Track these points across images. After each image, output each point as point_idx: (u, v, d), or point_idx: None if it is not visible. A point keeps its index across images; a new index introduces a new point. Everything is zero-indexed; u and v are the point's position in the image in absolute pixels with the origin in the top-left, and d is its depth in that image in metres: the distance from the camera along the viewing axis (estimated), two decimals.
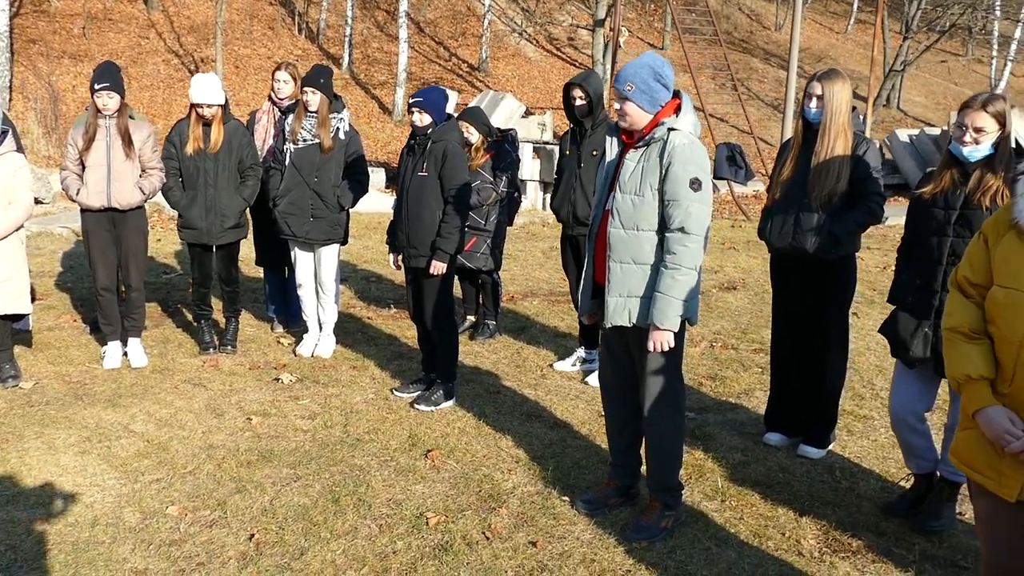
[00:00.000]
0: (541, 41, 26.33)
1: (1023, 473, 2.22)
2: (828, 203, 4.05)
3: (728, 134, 20.48)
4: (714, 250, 10.48)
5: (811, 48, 29.45)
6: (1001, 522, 2.36)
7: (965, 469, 2.41)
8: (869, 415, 4.96)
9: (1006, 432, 2.20)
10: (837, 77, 4.15)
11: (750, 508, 3.83)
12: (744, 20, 31.94)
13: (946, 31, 23.63)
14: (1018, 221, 2.25)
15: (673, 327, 3.37)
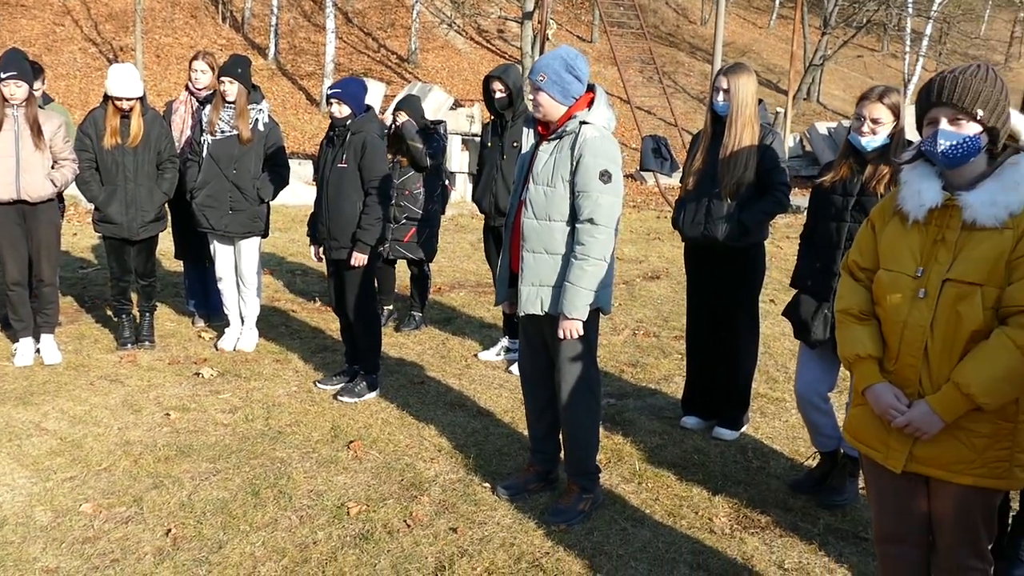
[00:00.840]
0: (471, 33, 26.30)
1: (908, 445, 2.35)
2: (737, 193, 4.19)
3: (655, 126, 20.81)
4: (639, 240, 10.68)
5: (735, 42, 30.08)
6: (889, 492, 2.51)
7: (856, 444, 2.55)
8: (782, 397, 5.15)
9: (891, 407, 2.34)
10: (743, 71, 4.28)
11: (666, 489, 3.95)
12: (671, 14, 32.45)
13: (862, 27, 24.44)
14: (901, 207, 2.38)
15: (582, 316, 3.45)
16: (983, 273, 2.19)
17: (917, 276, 2.30)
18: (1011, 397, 2.21)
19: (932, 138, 2.23)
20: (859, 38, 28.52)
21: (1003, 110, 2.21)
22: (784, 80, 23.95)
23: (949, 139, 2.20)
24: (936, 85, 2.22)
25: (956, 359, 2.24)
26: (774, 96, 24.35)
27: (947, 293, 2.24)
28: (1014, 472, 2.29)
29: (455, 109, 15.38)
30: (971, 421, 2.26)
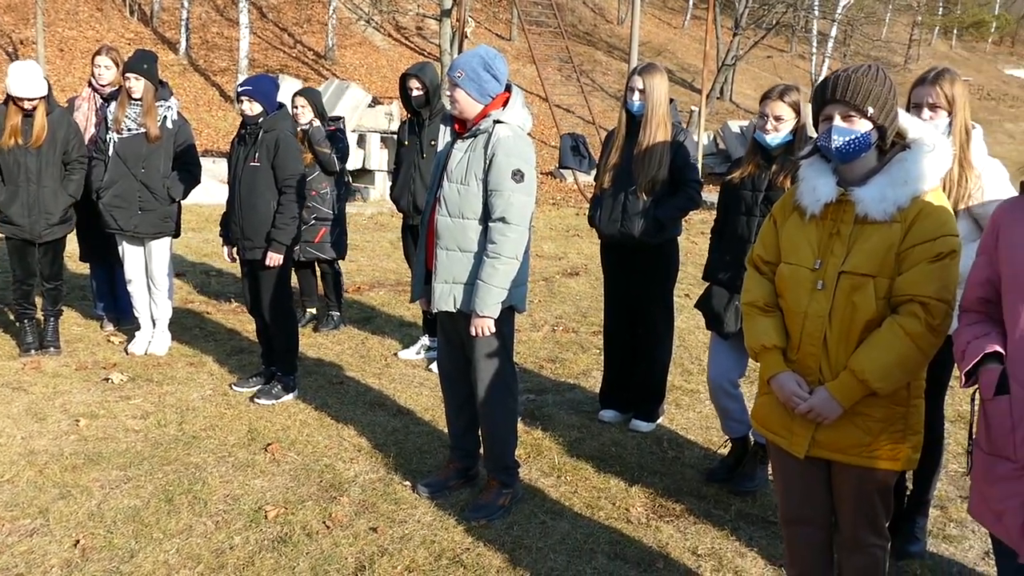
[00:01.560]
0: (389, 30, 26.09)
1: (810, 431, 2.46)
2: (652, 190, 4.29)
3: (574, 124, 21.03)
4: (558, 237, 10.79)
5: (651, 42, 30.63)
6: (793, 477, 2.61)
7: (763, 431, 2.65)
8: (696, 389, 5.29)
9: (794, 395, 2.44)
10: (656, 71, 4.38)
11: (584, 482, 4.01)
12: (588, 14, 32.82)
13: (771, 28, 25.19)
14: (799, 203, 2.48)
15: (493, 314, 3.48)
16: (875, 265, 2.30)
17: (815, 268, 2.40)
18: (903, 382, 2.33)
19: (827, 134, 2.33)
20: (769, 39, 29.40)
21: (891, 108, 2.32)
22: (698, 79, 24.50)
23: (842, 135, 2.30)
24: (830, 84, 2.32)
25: (853, 347, 2.35)
26: (688, 95, 24.89)
27: (843, 284, 2.34)
28: (906, 453, 2.42)
29: (373, 107, 15.25)
30: (867, 406, 2.37)
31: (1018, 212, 2.09)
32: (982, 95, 38.06)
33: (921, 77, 3.24)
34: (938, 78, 3.17)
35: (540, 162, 17.65)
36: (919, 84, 3.21)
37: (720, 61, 25.67)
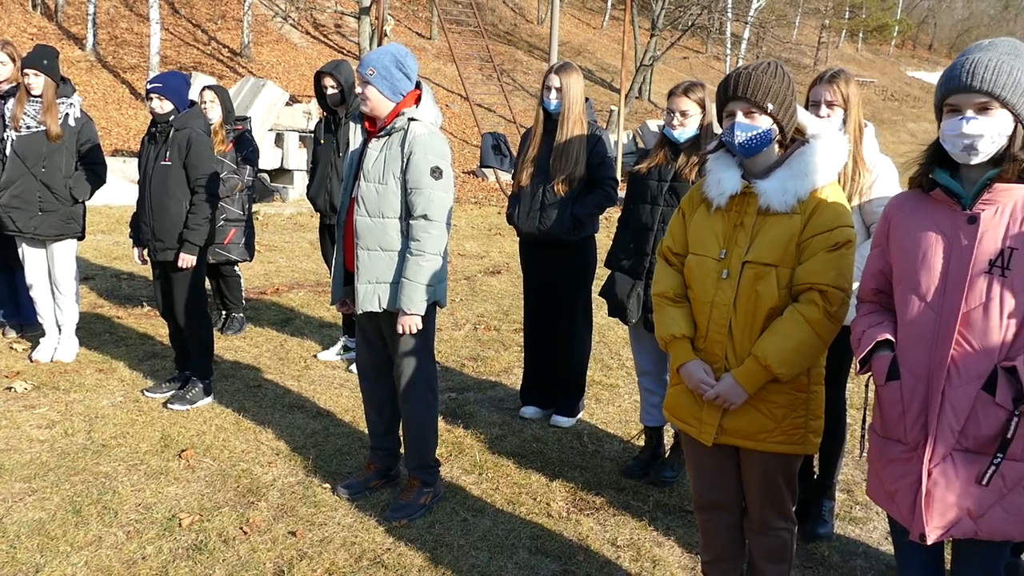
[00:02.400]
0: (307, 27, 25.67)
1: (717, 419, 2.53)
2: (569, 188, 4.34)
3: (495, 124, 21.07)
4: (480, 236, 10.80)
5: (571, 42, 30.91)
6: (704, 464, 2.68)
7: (674, 420, 2.71)
8: (615, 384, 5.37)
9: (702, 382, 2.50)
10: (572, 70, 4.43)
11: (505, 478, 4.03)
12: (508, 13, 32.94)
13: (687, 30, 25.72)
14: (706, 195, 2.55)
15: (420, 311, 3.48)
16: (777, 255, 2.39)
17: (721, 259, 2.47)
18: (803, 367, 2.42)
19: (730, 130, 2.40)
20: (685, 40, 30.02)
21: (790, 105, 2.41)
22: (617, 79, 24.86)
23: (745, 131, 2.37)
24: (732, 81, 2.40)
25: (757, 335, 2.43)
26: (608, 95, 25.23)
27: (747, 274, 2.42)
28: (808, 438, 2.51)
29: (291, 105, 14.98)
30: (771, 393, 2.45)
31: (908, 206, 2.19)
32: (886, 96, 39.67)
33: (818, 77, 3.37)
34: (834, 78, 3.30)
35: (462, 161, 17.65)
36: (817, 83, 3.34)
37: (638, 61, 26.09)
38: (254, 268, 8.39)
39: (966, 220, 2.03)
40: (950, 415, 2.02)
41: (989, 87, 1.95)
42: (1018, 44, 2.03)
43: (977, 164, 2.03)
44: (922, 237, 2.10)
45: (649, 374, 4.03)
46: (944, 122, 2.04)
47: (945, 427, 2.03)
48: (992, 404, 1.98)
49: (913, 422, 2.09)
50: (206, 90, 5.85)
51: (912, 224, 2.14)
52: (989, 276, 1.98)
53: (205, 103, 5.76)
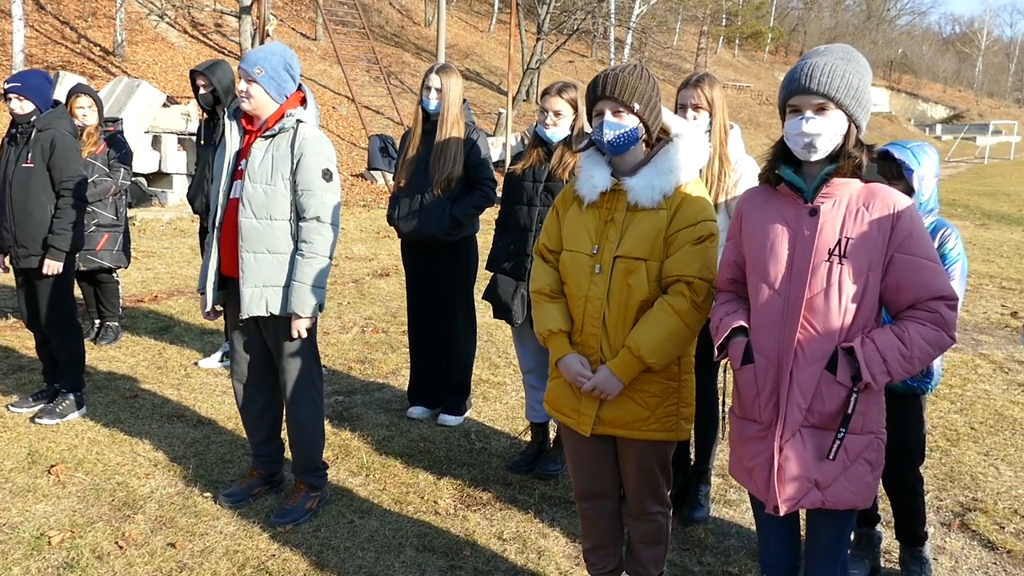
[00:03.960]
0: (185, 25, 24.78)
1: (595, 410, 2.61)
2: (447, 188, 4.38)
3: (383, 126, 20.90)
4: (369, 239, 10.71)
5: (458, 44, 30.98)
6: (583, 454, 2.77)
7: (554, 413, 2.78)
8: (503, 381, 5.44)
9: (579, 375, 2.58)
10: (452, 71, 4.47)
11: (393, 478, 4.03)
12: (395, 15, 32.70)
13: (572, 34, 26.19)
14: (578, 193, 2.63)
15: (311, 314, 3.45)
16: (646, 249, 2.49)
17: (593, 254, 2.56)
18: (674, 356, 2.53)
19: (599, 129, 2.49)
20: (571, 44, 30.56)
21: (655, 105, 2.52)
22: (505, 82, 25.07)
23: (613, 129, 2.47)
24: (600, 81, 2.49)
25: (630, 327, 2.53)
26: (496, 97, 25.41)
27: (618, 268, 2.51)
28: (681, 425, 2.63)
29: (168, 106, 14.47)
30: (644, 383, 2.55)
31: (757, 200, 2.33)
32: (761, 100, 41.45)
33: (685, 81, 3.52)
34: (699, 82, 3.46)
35: (350, 164, 17.43)
36: (683, 87, 3.49)
37: (525, 65, 26.40)
38: (131, 275, 8.07)
39: (808, 212, 2.18)
40: (798, 394, 2.16)
41: (825, 89, 2.10)
42: (851, 50, 2.20)
43: (817, 160, 2.19)
44: (770, 229, 2.24)
45: (533, 371, 4.11)
46: (787, 122, 2.19)
47: (794, 405, 2.17)
48: (834, 383, 2.13)
49: (766, 402, 2.23)
50: (81, 96, 5.59)
51: (761, 217, 2.28)
52: (829, 264, 2.13)
53: (82, 109, 5.53)
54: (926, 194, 2.90)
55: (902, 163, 2.88)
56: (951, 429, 4.81)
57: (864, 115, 2.17)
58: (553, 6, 24.79)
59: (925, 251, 2.14)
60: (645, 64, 2.60)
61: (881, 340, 2.12)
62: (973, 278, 9.41)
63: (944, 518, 3.78)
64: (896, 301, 2.17)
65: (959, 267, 2.86)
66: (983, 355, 6.33)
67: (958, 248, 2.89)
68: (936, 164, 2.95)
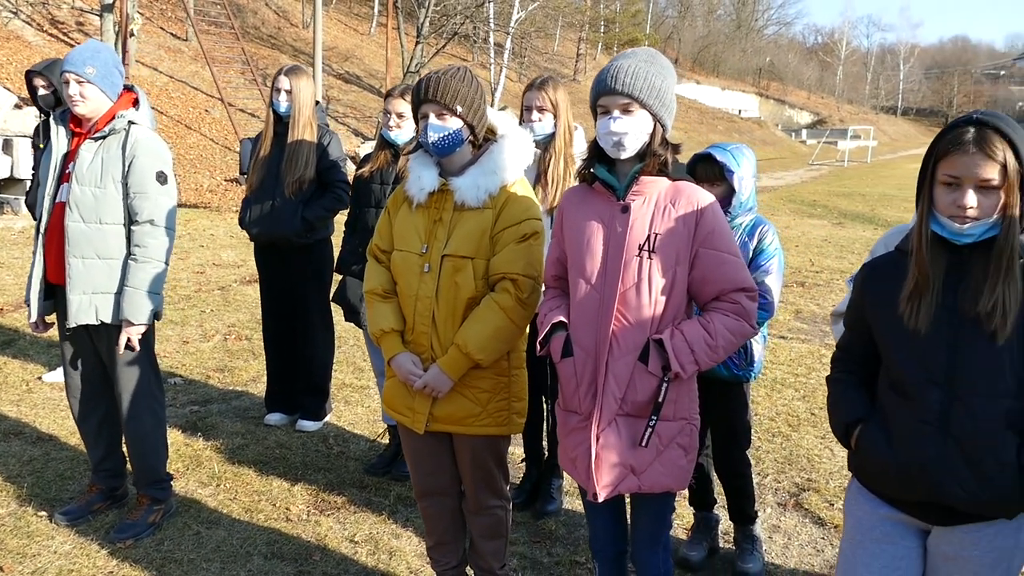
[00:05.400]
0: (42, 23, 23.46)
1: (428, 408, 2.63)
2: (300, 190, 4.32)
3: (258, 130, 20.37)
4: (239, 245, 10.43)
5: (338, 47, 30.54)
6: (420, 452, 2.79)
7: (390, 412, 2.78)
8: (366, 385, 5.40)
9: (411, 373, 2.60)
10: (302, 73, 4.42)
11: (245, 487, 3.94)
12: (272, 16, 31.93)
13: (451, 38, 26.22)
14: (408, 193, 2.65)
15: (146, 321, 3.33)
16: (472, 247, 2.53)
17: (422, 253, 2.58)
18: (501, 352, 2.58)
19: (424, 130, 2.52)
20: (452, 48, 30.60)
21: (479, 107, 2.56)
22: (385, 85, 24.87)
23: (437, 131, 2.50)
24: (423, 85, 2.51)
25: (459, 324, 2.56)
26: (377, 100, 25.17)
27: (446, 267, 2.54)
28: (513, 419, 2.68)
29: (20, 108, 13.66)
30: (475, 379, 2.59)
31: (576, 199, 2.41)
32: None
33: (529, 84, 3.59)
34: (543, 85, 3.54)
35: (223, 168, 16.91)
36: (528, 90, 3.56)
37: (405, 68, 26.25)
38: None
39: (620, 209, 2.27)
40: (613, 384, 2.25)
41: (629, 90, 2.19)
42: (655, 53, 2.30)
43: (628, 159, 2.28)
44: (586, 226, 2.32)
45: (385, 375, 4.10)
46: (597, 122, 2.27)
47: (609, 395, 2.25)
48: (646, 372, 2.23)
49: (585, 393, 2.30)
50: None
51: (578, 215, 2.36)
52: (639, 259, 2.23)
53: None
54: (745, 194, 3.06)
55: (724, 165, 3.03)
56: (793, 415, 5.09)
57: (668, 115, 2.28)
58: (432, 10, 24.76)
59: (727, 246, 2.26)
60: (469, 68, 2.64)
61: (689, 331, 2.23)
62: (826, 273, 9.96)
63: (781, 499, 4.00)
64: (702, 293, 2.28)
65: (776, 262, 3.03)
66: (828, 345, 6.71)
67: (775, 244, 3.06)
68: (753, 165, 3.12)
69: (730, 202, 3.01)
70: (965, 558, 1.95)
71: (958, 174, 1.84)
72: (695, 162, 3.10)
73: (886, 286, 2.00)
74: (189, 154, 16.71)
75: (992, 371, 1.84)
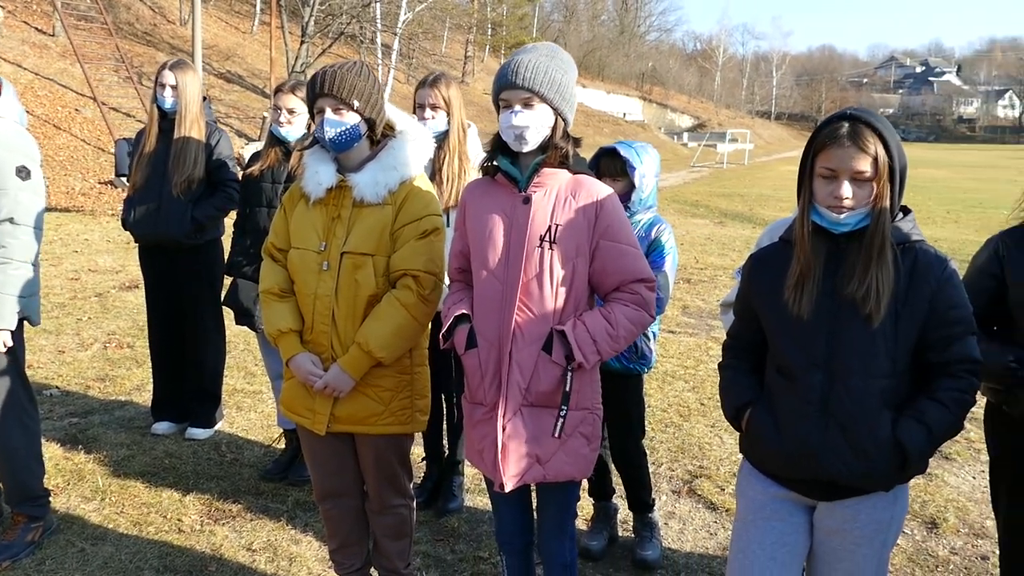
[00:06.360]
0: None
1: (329, 408, 2.59)
2: (188, 189, 4.17)
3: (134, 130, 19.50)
4: (117, 250, 9.96)
5: (218, 45, 29.58)
6: (321, 454, 2.74)
7: (290, 414, 2.72)
8: (259, 390, 5.26)
9: (310, 373, 2.55)
10: (188, 67, 4.27)
11: (132, 500, 3.77)
12: (147, 12, 30.63)
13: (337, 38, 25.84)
14: (304, 190, 2.60)
15: (10, 326, 3.13)
16: (372, 244, 2.50)
17: (321, 251, 2.54)
18: (404, 349, 2.56)
19: (321, 126, 2.48)
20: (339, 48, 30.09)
21: (376, 102, 2.54)
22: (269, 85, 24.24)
23: (334, 127, 2.46)
24: (319, 79, 2.47)
25: (359, 323, 2.53)
26: (261, 101, 24.52)
27: (346, 264, 2.51)
28: (416, 417, 2.67)
29: None
30: (377, 378, 2.57)
31: (478, 191, 2.43)
32: None
33: (421, 81, 3.58)
34: (435, 82, 3.54)
35: (97, 171, 16.12)
36: (420, 87, 3.55)
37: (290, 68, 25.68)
38: None
39: (522, 201, 2.29)
40: (517, 374, 2.27)
41: (530, 84, 2.22)
42: (555, 48, 2.34)
43: (529, 152, 2.31)
44: (488, 218, 2.33)
45: (282, 377, 3.98)
46: (500, 115, 2.29)
47: (514, 386, 2.27)
48: (550, 362, 2.26)
49: (490, 384, 2.32)
50: None
51: (481, 207, 2.37)
52: (541, 250, 2.26)
53: None
54: (646, 191, 3.14)
55: (627, 160, 3.10)
56: (684, 406, 5.26)
57: (569, 109, 2.32)
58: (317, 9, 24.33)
59: (626, 238, 2.32)
60: (365, 63, 2.61)
61: (591, 322, 2.27)
62: (710, 270, 10.33)
63: (675, 486, 4.13)
64: (603, 284, 2.34)
65: (670, 260, 3.13)
66: (714, 338, 6.97)
67: (671, 242, 3.15)
68: (656, 164, 3.20)
69: (631, 198, 3.08)
70: (846, 531, 2.07)
71: (834, 167, 1.96)
72: (600, 156, 3.17)
73: (771, 275, 2.10)
74: (59, 155, 15.85)
75: (867, 353, 1.96)
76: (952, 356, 1.98)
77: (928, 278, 1.96)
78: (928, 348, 1.99)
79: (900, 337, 1.96)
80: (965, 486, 4.23)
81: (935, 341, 1.98)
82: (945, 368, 1.99)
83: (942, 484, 4.23)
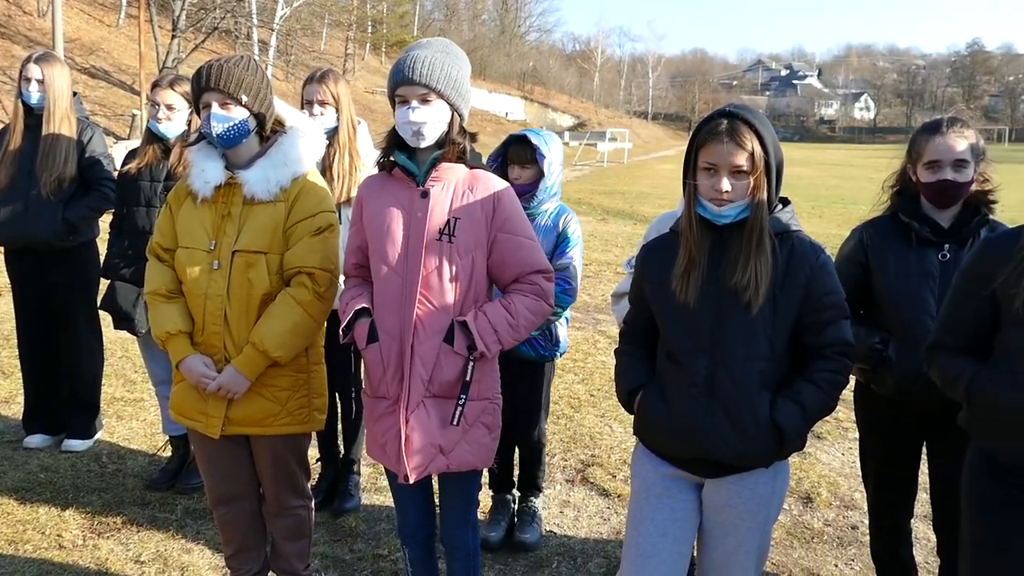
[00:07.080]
0: None
1: (223, 411, 2.53)
2: (59, 189, 3.97)
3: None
4: None
5: (81, 39, 28.05)
6: (215, 458, 2.68)
7: (181, 419, 2.65)
8: (140, 398, 5.05)
9: (203, 376, 2.49)
10: (55, 60, 4.06)
11: (6, 517, 3.57)
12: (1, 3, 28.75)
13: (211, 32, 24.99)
14: (191, 187, 2.53)
15: None
16: (265, 242, 2.47)
17: (211, 250, 2.48)
18: (300, 348, 2.54)
19: (207, 121, 2.42)
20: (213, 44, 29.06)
21: (265, 97, 2.50)
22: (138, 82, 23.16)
23: (221, 122, 2.41)
24: (204, 73, 2.41)
25: (253, 322, 2.49)
26: (129, 98, 23.42)
27: (237, 263, 2.46)
28: (313, 416, 2.65)
29: None
30: (273, 378, 2.53)
31: (375, 186, 2.43)
32: None
33: (309, 77, 3.54)
34: (323, 78, 3.50)
35: None
36: (308, 83, 3.51)
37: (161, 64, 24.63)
38: None
39: (420, 195, 2.31)
40: (420, 367, 2.29)
41: (426, 80, 2.24)
42: (449, 44, 2.37)
43: (427, 147, 2.33)
44: (386, 213, 2.34)
45: (165, 382, 3.85)
46: (396, 111, 2.30)
47: (417, 378, 2.29)
48: (451, 353, 2.29)
49: (392, 377, 2.32)
50: None
51: (378, 202, 2.38)
52: (440, 243, 2.29)
53: None
54: (552, 179, 3.20)
55: (536, 148, 3.15)
56: (574, 397, 5.39)
57: (465, 104, 2.35)
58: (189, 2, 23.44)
59: (523, 230, 2.38)
60: (253, 56, 2.56)
61: (491, 312, 2.32)
62: (594, 266, 10.58)
63: (568, 475, 4.23)
64: (502, 276, 2.38)
65: (578, 250, 3.21)
66: (601, 332, 7.17)
67: (578, 233, 3.24)
68: (561, 153, 3.27)
69: (538, 186, 3.14)
70: (731, 507, 2.19)
71: (714, 161, 2.07)
72: (508, 144, 3.22)
73: (661, 265, 2.20)
74: None
75: (748, 338, 2.08)
76: (826, 339, 2.13)
77: (803, 266, 2.10)
78: (804, 332, 2.13)
79: (778, 322, 2.09)
80: (835, 462, 4.51)
81: (810, 325, 2.12)
82: (820, 351, 2.13)
83: (815, 462, 4.50)
